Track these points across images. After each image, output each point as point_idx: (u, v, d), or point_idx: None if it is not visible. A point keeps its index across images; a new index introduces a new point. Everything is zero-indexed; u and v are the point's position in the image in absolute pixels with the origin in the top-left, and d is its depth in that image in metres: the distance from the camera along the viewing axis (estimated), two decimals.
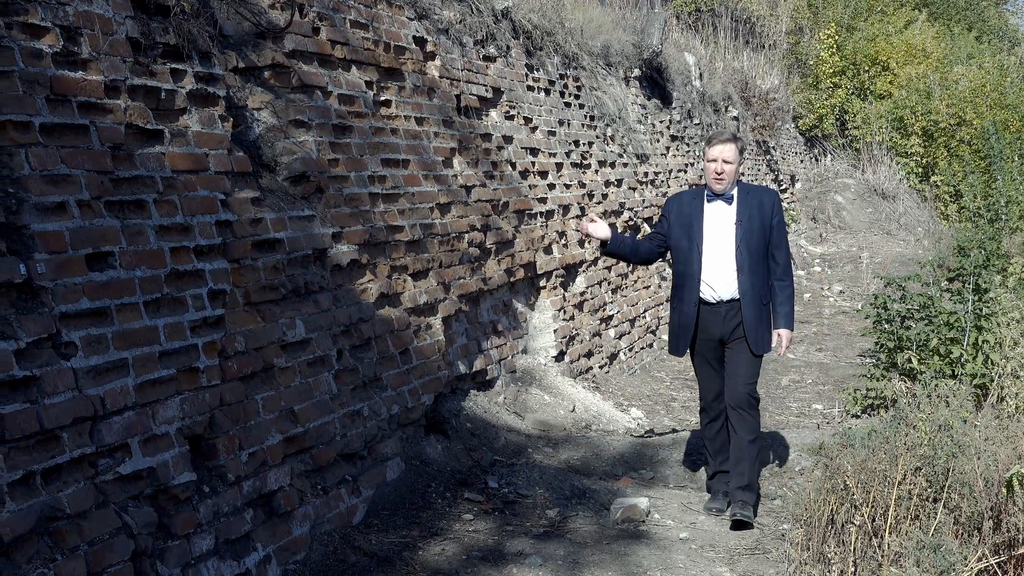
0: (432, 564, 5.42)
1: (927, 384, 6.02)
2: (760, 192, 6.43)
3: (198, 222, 4.99)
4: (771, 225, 6.24)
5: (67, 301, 4.15)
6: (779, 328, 6.34)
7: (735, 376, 6.27)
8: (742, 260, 6.17)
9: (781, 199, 6.24)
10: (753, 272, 6.19)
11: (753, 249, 6.19)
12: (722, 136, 6.29)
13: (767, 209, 6.24)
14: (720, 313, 6.25)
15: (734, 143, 6.26)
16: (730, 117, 17.28)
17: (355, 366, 6.14)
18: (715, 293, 6.24)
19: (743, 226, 6.20)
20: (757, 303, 6.20)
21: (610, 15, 13.79)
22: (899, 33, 25.89)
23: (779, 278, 6.31)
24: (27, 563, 3.75)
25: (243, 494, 4.99)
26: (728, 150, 6.19)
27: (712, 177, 6.24)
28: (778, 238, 6.29)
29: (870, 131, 23.40)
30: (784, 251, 6.34)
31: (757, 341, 6.22)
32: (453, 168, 7.84)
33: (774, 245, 6.27)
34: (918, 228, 21.37)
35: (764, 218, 6.23)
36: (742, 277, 6.18)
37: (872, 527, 4.82)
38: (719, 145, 6.21)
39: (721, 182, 6.22)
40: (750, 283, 6.18)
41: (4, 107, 4.07)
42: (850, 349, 12.16)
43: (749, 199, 6.28)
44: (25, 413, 3.83)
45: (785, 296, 6.33)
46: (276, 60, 5.99)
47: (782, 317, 6.32)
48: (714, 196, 6.29)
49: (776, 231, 6.28)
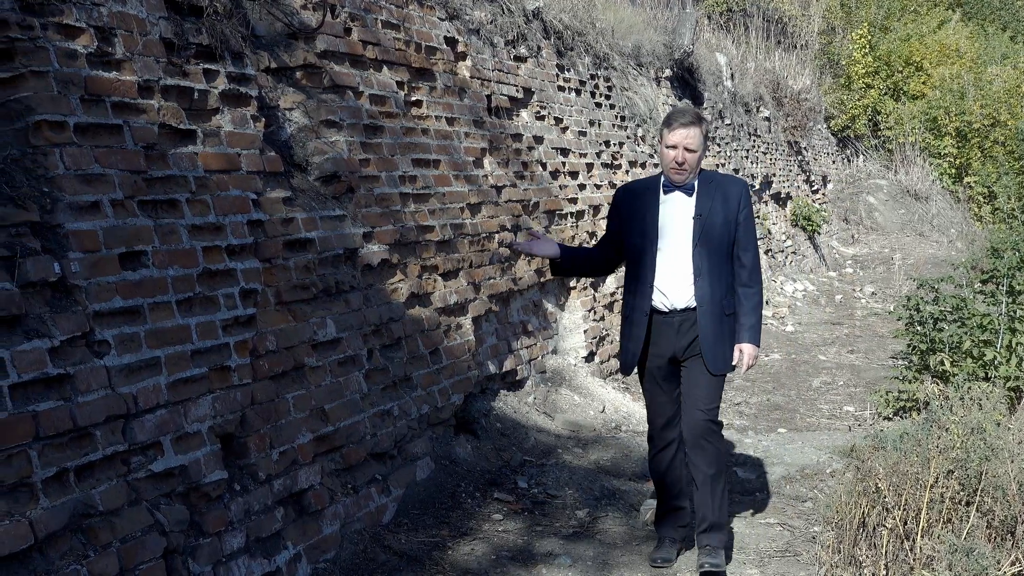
0: (461, 564, 5.43)
1: (960, 387, 5.98)
2: (726, 182, 5.44)
3: (230, 221, 5.01)
4: (737, 221, 5.30)
5: (100, 300, 4.18)
6: (742, 342, 5.38)
7: (692, 401, 5.36)
8: (700, 262, 5.26)
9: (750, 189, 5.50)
10: (713, 276, 5.27)
11: (714, 249, 5.27)
12: (683, 118, 5.28)
13: (732, 202, 5.31)
14: (673, 325, 5.34)
15: (698, 126, 5.27)
16: (761, 117, 17.21)
17: (385, 366, 6.15)
18: (668, 300, 5.32)
19: (702, 221, 5.27)
20: (717, 313, 5.28)
21: (641, 15, 13.77)
22: (932, 33, 25.73)
23: (745, 283, 5.37)
24: (60, 559, 3.78)
25: (274, 492, 5.01)
26: (691, 136, 5.22)
27: (671, 167, 5.29)
28: (745, 236, 5.35)
29: (903, 132, 23.25)
30: (752, 252, 5.40)
31: (716, 358, 5.30)
32: (484, 168, 7.84)
33: (740, 245, 5.34)
34: (951, 229, 21.22)
35: (729, 212, 5.29)
36: (700, 282, 5.27)
37: (904, 530, 4.79)
38: (680, 129, 5.23)
39: (681, 173, 5.28)
40: (709, 289, 5.26)
41: (39, 107, 4.10)
42: (882, 351, 12.09)
43: (712, 190, 5.33)
44: (59, 411, 3.86)
45: (751, 305, 5.39)
46: (308, 60, 6.01)
47: (746, 330, 5.37)
48: (672, 186, 5.36)
49: (743, 228, 5.33)
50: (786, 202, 18.26)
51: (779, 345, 12.70)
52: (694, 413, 5.34)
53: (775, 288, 15.74)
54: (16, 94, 4.10)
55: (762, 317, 5.54)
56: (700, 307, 5.26)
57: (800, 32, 22.39)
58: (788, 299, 15.61)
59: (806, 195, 19.61)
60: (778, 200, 17.74)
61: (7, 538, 3.55)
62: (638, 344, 5.41)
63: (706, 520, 5.38)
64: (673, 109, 5.69)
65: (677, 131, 5.23)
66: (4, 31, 4.06)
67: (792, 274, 16.89)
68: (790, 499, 6.56)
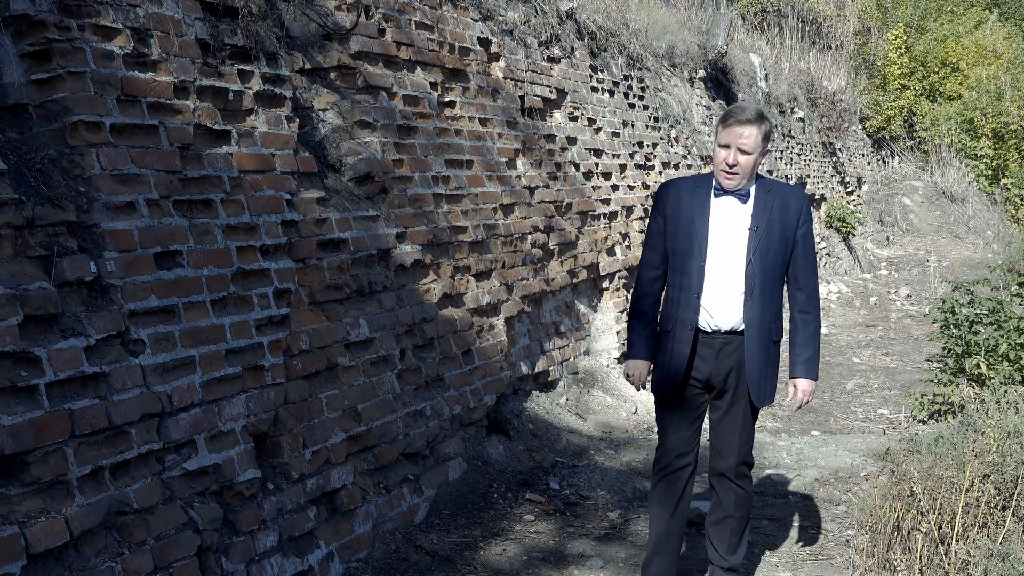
0: (493, 564, 5.43)
1: (996, 390, 5.94)
2: (786, 192, 4.78)
3: (264, 221, 5.04)
4: (795, 237, 4.71)
5: (136, 299, 4.21)
6: (797, 376, 4.85)
7: (727, 439, 4.84)
8: (752, 279, 4.64)
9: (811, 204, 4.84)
10: (764, 298, 4.67)
11: (768, 267, 4.66)
12: (742, 115, 4.60)
13: (792, 215, 4.69)
14: (714, 347, 4.73)
15: (756, 126, 4.59)
16: (795, 119, 17.13)
17: (418, 366, 6.16)
18: (713, 320, 4.71)
19: (759, 234, 4.65)
20: (765, 340, 4.71)
21: (675, 16, 13.74)
22: (969, 33, 25.56)
23: (803, 309, 4.82)
24: (95, 556, 3.80)
25: (307, 492, 5.03)
26: (748, 135, 4.56)
27: (722, 169, 4.63)
28: (804, 256, 4.75)
29: (939, 133, 23.09)
30: (811, 273, 4.81)
31: (762, 390, 4.73)
32: (517, 169, 7.84)
33: (798, 265, 4.75)
34: (987, 231, 21.06)
35: (787, 226, 4.68)
36: (751, 303, 4.65)
37: (939, 534, 4.76)
38: (736, 127, 4.58)
39: (732, 178, 4.62)
40: (759, 312, 4.67)
41: (76, 107, 4.14)
42: (917, 354, 12.01)
43: (770, 199, 4.70)
44: (94, 409, 3.89)
45: (808, 334, 4.84)
46: (342, 61, 6.03)
47: (803, 362, 4.83)
48: (723, 191, 4.71)
49: (801, 246, 4.73)
50: (820, 204, 18.17)
51: None
52: (732, 453, 4.83)
53: None
54: (53, 95, 4.14)
55: (820, 348, 4.92)
56: (748, 331, 4.67)
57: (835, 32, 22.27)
58: (822, 301, 15.52)
59: (840, 197, 19.50)
60: (812, 202, 17.65)
61: (43, 535, 3.58)
62: (681, 362, 4.73)
63: (725, 563, 4.97)
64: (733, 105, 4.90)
65: (732, 129, 4.58)
66: (42, 32, 4.10)
67: (826, 276, 16.79)
68: (824, 502, 6.52)
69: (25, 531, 3.52)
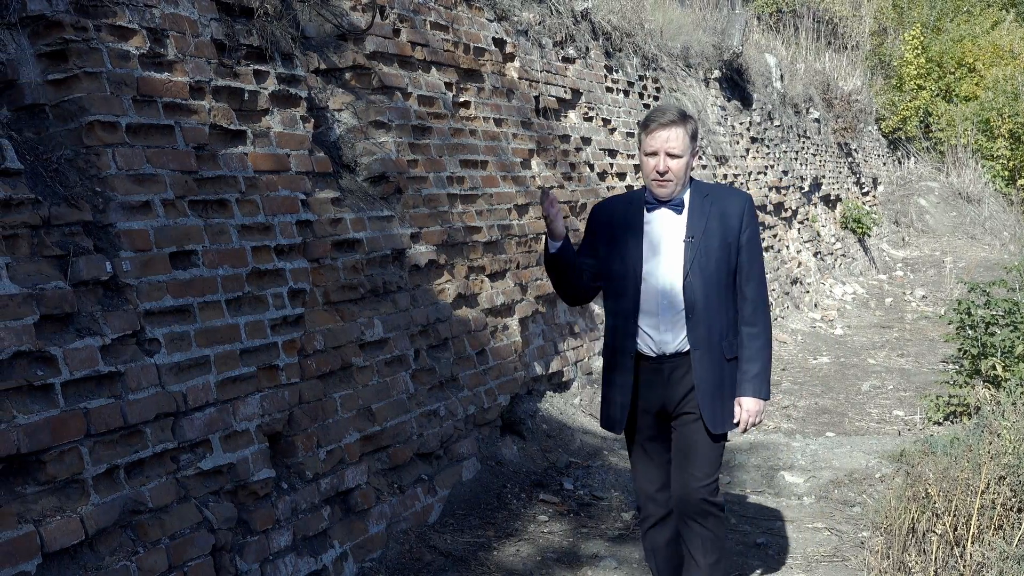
0: (507, 565, 5.43)
1: (1012, 391, 5.91)
2: (724, 196, 4.41)
3: (279, 221, 5.05)
4: (738, 243, 4.30)
5: (151, 298, 4.22)
6: (743, 395, 4.35)
7: (684, 470, 4.35)
8: (693, 295, 4.24)
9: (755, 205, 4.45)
10: (710, 313, 4.26)
11: (710, 279, 4.26)
12: (663, 117, 4.24)
13: (732, 220, 4.30)
14: (662, 372, 4.34)
15: (682, 126, 4.24)
16: (811, 119, 17.10)
17: (432, 366, 6.17)
18: (655, 343, 4.31)
19: (695, 245, 4.26)
20: (716, 359, 4.29)
21: (690, 16, 13.72)
22: (986, 34, 25.46)
23: (748, 322, 4.35)
24: (110, 555, 3.82)
25: (320, 491, 5.04)
26: (674, 137, 4.21)
27: (653, 179, 4.28)
28: (749, 263, 4.34)
29: (955, 133, 23.01)
30: (756, 282, 4.37)
31: (715, 416, 4.29)
32: (531, 169, 7.84)
33: (742, 274, 4.33)
34: (1004, 232, 20.97)
35: (728, 233, 4.29)
36: (694, 320, 4.25)
37: (954, 536, 4.74)
38: (660, 131, 4.21)
39: (666, 185, 4.25)
40: (705, 330, 4.26)
41: (92, 107, 4.16)
42: (932, 355, 11.96)
43: (706, 206, 4.32)
44: (110, 408, 3.91)
45: (756, 348, 4.36)
46: (357, 61, 6.04)
47: (749, 379, 4.34)
48: (656, 202, 4.34)
49: (746, 252, 4.32)
50: (835, 204, 18.12)
51: (828, 348, 12.60)
52: (687, 485, 4.33)
53: (824, 291, 15.63)
54: (70, 95, 4.15)
55: (771, 363, 4.46)
56: (695, 351, 4.27)
57: (851, 33, 22.20)
58: (837, 302, 15.49)
59: (856, 197, 19.44)
60: (827, 202, 17.60)
61: (59, 534, 3.59)
62: (626, 393, 4.36)
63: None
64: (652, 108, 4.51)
65: (656, 134, 4.22)
66: (58, 32, 4.12)
67: (841, 277, 16.75)
68: (838, 503, 6.50)
69: (40, 530, 3.54)
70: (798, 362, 11.75)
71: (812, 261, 15.59)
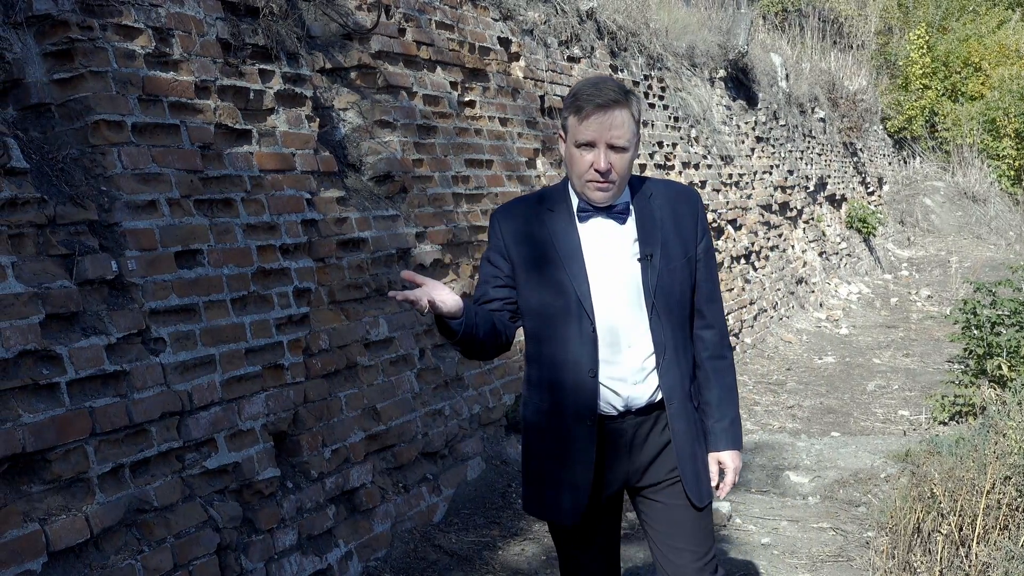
0: (512, 564, 5.43)
1: (1018, 391, 5.90)
2: (671, 194, 3.29)
3: (284, 221, 5.05)
4: (696, 256, 3.26)
5: (157, 297, 4.23)
6: (719, 448, 3.30)
7: (676, 549, 3.28)
8: (662, 330, 3.15)
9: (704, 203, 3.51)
10: (678, 351, 3.20)
11: (675, 306, 3.19)
12: (601, 95, 3.01)
13: (687, 224, 3.24)
14: (625, 435, 3.22)
15: (627, 107, 3.04)
16: (816, 118, 17.08)
17: (437, 365, 6.17)
18: (620, 398, 3.17)
19: (656, 264, 3.15)
20: (689, 411, 3.24)
21: (695, 15, 13.70)
22: (992, 33, 25.40)
23: (715, 354, 3.31)
24: (116, 554, 3.82)
25: (326, 490, 5.04)
26: (619, 123, 3.02)
27: (589, 180, 3.09)
28: (708, 280, 3.30)
29: (961, 133, 22.97)
30: (718, 303, 3.34)
31: (700, 482, 3.25)
32: (536, 169, 7.84)
33: (701, 294, 3.29)
34: (1009, 232, 20.93)
35: (686, 243, 3.23)
36: (665, 363, 3.17)
37: (959, 536, 4.73)
38: (599, 115, 3.00)
39: (607, 189, 3.09)
40: (678, 372, 3.19)
41: (98, 107, 4.16)
42: (938, 355, 11.95)
43: (655, 209, 3.22)
44: (115, 407, 3.91)
45: (726, 387, 3.32)
46: (362, 61, 6.04)
47: (726, 428, 3.30)
48: (591, 209, 3.18)
49: (703, 267, 3.28)
50: (841, 204, 18.10)
51: (833, 348, 12.59)
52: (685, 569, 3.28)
53: (829, 290, 15.61)
54: (76, 94, 4.16)
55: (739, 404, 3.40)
56: (670, 404, 3.19)
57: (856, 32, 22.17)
58: (842, 302, 15.47)
59: (861, 197, 19.42)
60: (833, 202, 17.59)
61: (64, 532, 3.60)
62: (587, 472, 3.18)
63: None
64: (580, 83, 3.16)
65: (594, 118, 3.01)
66: (64, 32, 4.12)
67: (847, 276, 16.73)
68: (843, 503, 6.50)
69: (46, 528, 3.54)
70: (803, 362, 11.73)
71: (817, 261, 15.57)
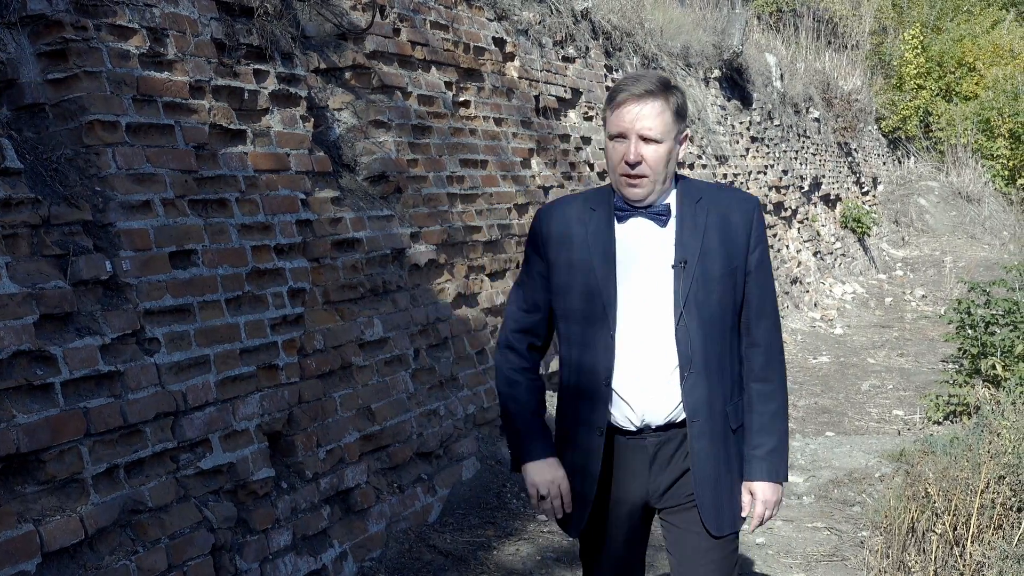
0: (507, 564, 5.43)
1: (1012, 391, 5.91)
2: (724, 200, 3.10)
3: (279, 221, 5.05)
4: (746, 268, 3.06)
5: (151, 298, 4.22)
6: (753, 478, 3.11)
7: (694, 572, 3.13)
8: (689, 343, 2.98)
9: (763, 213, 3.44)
10: (710, 367, 3.01)
11: (711, 319, 3.01)
12: (637, 86, 2.93)
13: (738, 235, 3.05)
14: (646, 451, 3.09)
15: (662, 99, 2.93)
16: (811, 118, 17.09)
17: (432, 365, 6.17)
18: (635, 413, 3.05)
19: (690, 272, 2.99)
20: (720, 432, 3.05)
21: (690, 15, 13.71)
22: (986, 33, 25.44)
23: (759, 376, 3.11)
24: (110, 554, 3.82)
25: (320, 491, 5.04)
26: (650, 113, 2.91)
27: (621, 173, 2.99)
28: (760, 296, 3.10)
29: (955, 133, 22.99)
30: (770, 321, 3.13)
31: (720, 511, 3.07)
32: (531, 169, 7.84)
33: (751, 309, 3.09)
34: (1003, 232, 20.96)
35: (733, 253, 3.04)
36: (691, 379, 2.99)
37: (954, 536, 4.74)
38: (631, 105, 2.91)
39: (639, 184, 2.98)
40: (706, 390, 3.01)
41: (92, 107, 4.16)
42: (932, 354, 11.96)
43: (701, 214, 3.04)
44: (109, 407, 3.90)
45: (770, 413, 3.11)
46: (357, 61, 6.04)
47: (763, 457, 3.10)
48: (630, 208, 3.05)
49: (755, 280, 3.08)
50: (835, 204, 18.12)
51: (827, 348, 12.61)
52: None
53: (823, 290, 15.63)
54: (70, 94, 4.16)
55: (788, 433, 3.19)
56: (692, 423, 3.02)
57: (851, 32, 22.17)
58: (837, 301, 15.49)
59: (856, 197, 19.44)
60: (827, 202, 17.60)
61: (58, 533, 3.59)
62: (590, 485, 3.10)
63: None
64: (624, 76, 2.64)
65: (626, 108, 2.92)
66: (58, 32, 4.12)
67: (841, 276, 16.75)
68: (838, 503, 6.51)
69: (40, 529, 3.54)
70: (798, 362, 11.74)
71: (812, 260, 15.59)
